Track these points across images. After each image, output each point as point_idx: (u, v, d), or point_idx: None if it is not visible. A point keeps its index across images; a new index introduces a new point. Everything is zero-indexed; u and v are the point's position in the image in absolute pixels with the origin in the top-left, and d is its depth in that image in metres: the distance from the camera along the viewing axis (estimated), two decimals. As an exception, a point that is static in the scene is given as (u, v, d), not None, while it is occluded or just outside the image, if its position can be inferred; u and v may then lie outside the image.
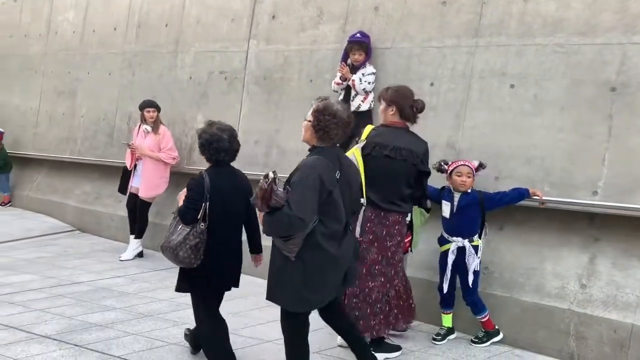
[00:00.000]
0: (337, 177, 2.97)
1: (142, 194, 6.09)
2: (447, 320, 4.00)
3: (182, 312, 4.44)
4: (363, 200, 3.45)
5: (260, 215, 2.99)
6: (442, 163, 3.95)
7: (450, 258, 3.85)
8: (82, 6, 7.96)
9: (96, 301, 4.70)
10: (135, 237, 6.10)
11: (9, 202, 9.06)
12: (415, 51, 4.62)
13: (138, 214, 6.14)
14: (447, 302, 3.97)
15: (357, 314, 3.60)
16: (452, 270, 3.88)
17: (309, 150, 3.13)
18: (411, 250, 4.07)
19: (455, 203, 3.86)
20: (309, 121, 3.07)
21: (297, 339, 3.07)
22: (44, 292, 4.96)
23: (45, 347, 3.78)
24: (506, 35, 4.18)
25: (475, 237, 3.87)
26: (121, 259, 6.00)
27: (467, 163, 3.88)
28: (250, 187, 3.33)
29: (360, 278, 3.52)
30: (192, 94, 6.34)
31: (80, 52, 7.94)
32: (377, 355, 3.42)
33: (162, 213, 6.43)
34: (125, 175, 6.21)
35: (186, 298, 4.71)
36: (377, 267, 3.64)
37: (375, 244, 3.62)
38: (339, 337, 3.58)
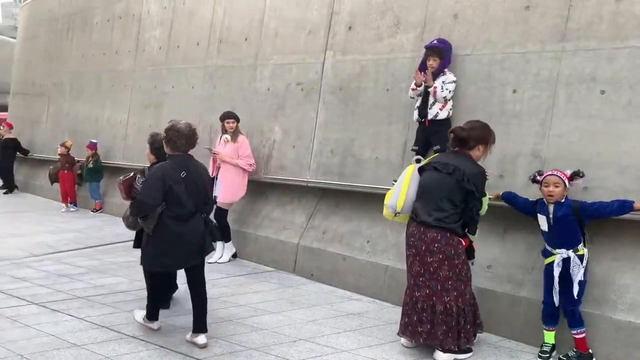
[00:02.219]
0: (182, 176, 3.88)
1: (220, 200, 6.31)
2: (550, 337, 3.77)
3: (260, 317, 4.53)
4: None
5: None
6: (537, 174, 3.81)
7: (557, 271, 3.65)
8: (167, 24, 8.40)
9: (180, 304, 4.88)
10: (225, 242, 6.33)
11: (100, 208, 9.67)
12: (497, 57, 4.49)
13: (217, 221, 6.36)
14: (552, 317, 3.75)
15: (406, 320, 3.83)
16: (552, 282, 3.69)
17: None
18: (472, 263, 3.95)
19: (551, 215, 3.69)
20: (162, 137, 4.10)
21: (153, 289, 4.26)
22: (132, 294, 5.23)
23: (134, 347, 3.98)
24: (596, 38, 3.97)
25: (580, 245, 3.67)
26: (219, 261, 6.25)
27: (555, 172, 3.70)
28: None
29: (409, 287, 3.88)
30: (270, 105, 6.50)
31: (165, 67, 8.38)
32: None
33: (240, 220, 6.63)
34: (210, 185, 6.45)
35: (265, 304, 4.85)
36: (421, 280, 3.78)
37: (417, 257, 3.78)
38: (403, 339, 3.94)
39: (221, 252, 6.39)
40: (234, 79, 7.07)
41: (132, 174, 4.32)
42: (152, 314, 4.25)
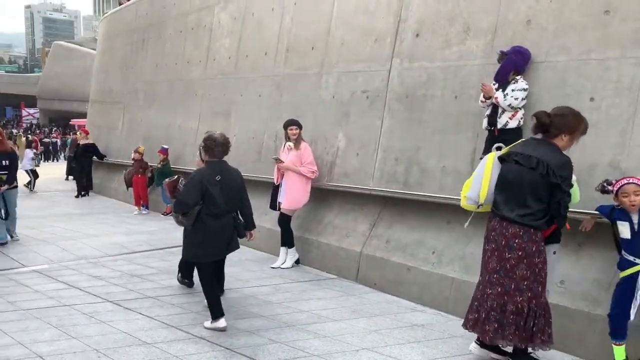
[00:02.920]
0: (217, 179, 4.45)
1: (284, 207, 6.40)
2: (621, 352, 3.55)
3: (322, 324, 4.54)
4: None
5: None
6: (605, 183, 3.60)
7: None
8: (236, 34, 8.64)
9: (244, 308, 4.99)
10: (289, 247, 6.42)
11: (170, 212, 10.03)
12: (572, 64, 4.31)
13: (280, 227, 6.46)
14: (624, 330, 3.52)
15: (475, 315, 3.68)
16: (632, 295, 3.47)
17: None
18: (554, 252, 3.77)
19: (635, 222, 3.47)
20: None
21: (205, 278, 4.62)
22: (199, 296, 5.36)
23: (200, 347, 4.10)
24: (683, 43, 3.73)
25: None
26: (281, 267, 6.35)
27: (633, 180, 3.49)
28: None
29: (482, 283, 3.73)
30: (335, 113, 6.54)
31: (234, 76, 8.62)
32: None
33: (303, 226, 6.69)
34: (275, 192, 6.57)
35: (327, 311, 4.85)
36: (495, 276, 3.61)
37: (496, 253, 3.61)
38: (472, 344, 3.86)
39: (284, 257, 6.48)
40: (300, 87, 7.17)
41: (176, 177, 5.31)
42: (215, 312, 4.47)
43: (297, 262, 6.48)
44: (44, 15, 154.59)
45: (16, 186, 7.90)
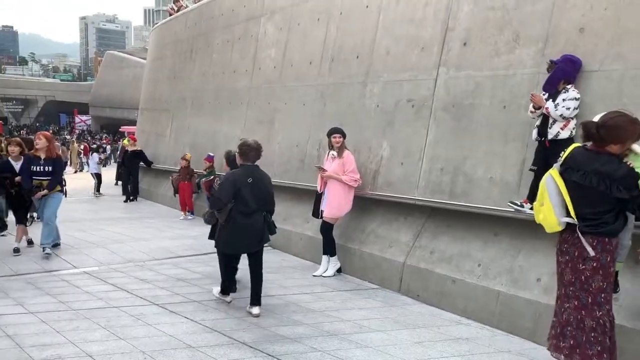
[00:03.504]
0: (249, 181, 4.95)
1: (326, 215, 6.40)
2: None
3: (365, 334, 4.50)
4: None
5: None
6: None
7: None
8: (282, 44, 8.75)
9: (286, 315, 5.01)
10: (330, 256, 6.42)
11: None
12: (630, 73, 4.16)
13: (322, 235, 6.46)
14: None
15: (553, 332, 3.55)
16: None
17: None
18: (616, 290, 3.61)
19: None
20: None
21: (227, 268, 5.36)
22: (242, 301, 5.43)
23: (243, 353, 4.13)
24: None
25: None
26: (323, 275, 6.35)
27: None
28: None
29: (559, 297, 3.61)
30: (379, 122, 6.52)
31: (279, 85, 8.72)
32: None
33: (345, 235, 6.67)
34: (317, 200, 6.59)
35: (369, 321, 4.81)
36: (571, 289, 3.49)
37: (570, 264, 3.49)
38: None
39: (326, 265, 6.48)
40: (344, 96, 7.19)
41: (212, 177, 6.34)
42: (225, 289, 5.39)
43: (339, 270, 6.46)
44: (97, 26, 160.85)
45: (61, 191, 7.56)
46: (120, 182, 17.41)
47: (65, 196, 8.28)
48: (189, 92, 12.49)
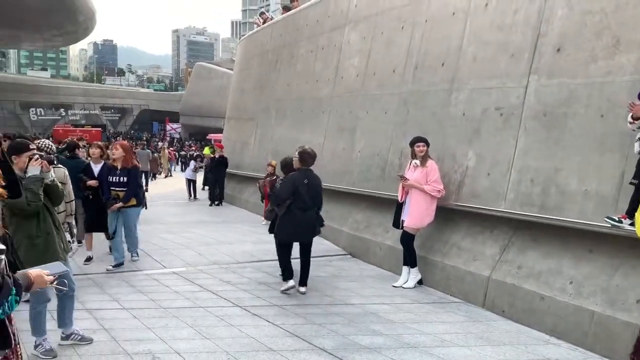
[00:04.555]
0: (305, 182, 5.94)
1: (407, 225, 6.31)
2: None
3: (447, 348, 4.38)
4: None
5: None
6: None
7: None
8: (365, 52, 8.78)
9: (365, 324, 4.98)
10: (411, 267, 6.33)
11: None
12: None
13: (403, 245, 6.37)
14: None
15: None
16: None
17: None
18: None
19: None
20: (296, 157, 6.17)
21: (283, 255, 6.09)
22: (321, 308, 5.48)
23: (324, 359, 4.15)
24: None
25: None
26: (404, 286, 6.27)
27: None
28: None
29: None
30: (464, 131, 6.35)
31: (361, 93, 8.74)
32: None
33: (427, 246, 6.54)
34: (398, 210, 6.52)
35: (451, 336, 4.68)
36: None
37: None
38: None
39: (406, 277, 6.38)
40: (428, 103, 7.08)
41: (275, 177, 6.95)
42: (286, 276, 6.05)
43: (420, 282, 6.35)
44: (188, 38, 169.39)
45: (138, 204, 7.27)
46: (207, 187, 18.22)
47: (145, 208, 8.12)
48: (272, 102, 12.82)
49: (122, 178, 6.97)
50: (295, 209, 5.93)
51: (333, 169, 9.32)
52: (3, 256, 1.73)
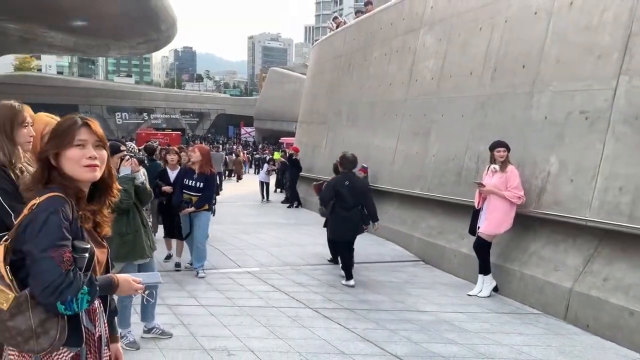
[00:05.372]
0: (346, 184, 6.60)
1: (482, 231, 6.11)
2: None
3: (525, 362, 4.21)
4: None
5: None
6: None
7: None
8: (441, 54, 8.61)
9: (439, 332, 4.87)
10: (485, 274, 6.14)
11: (366, 228, 10.33)
12: None
13: (477, 252, 6.18)
14: None
15: None
16: None
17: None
18: None
19: None
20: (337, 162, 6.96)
21: (344, 252, 6.73)
22: (393, 314, 5.42)
23: (395, 365, 4.11)
24: None
25: None
26: (478, 295, 6.10)
27: None
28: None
29: None
30: (547, 135, 6.08)
31: (436, 96, 8.59)
32: None
33: (504, 254, 6.32)
34: (475, 216, 6.34)
35: (530, 348, 4.49)
36: None
37: None
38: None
39: (481, 285, 6.19)
40: (507, 107, 6.84)
41: (321, 182, 7.37)
42: (348, 275, 6.56)
43: (495, 289, 6.13)
44: (262, 44, 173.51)
45: (209, 209, 7.01)
46: (279, 190, 18.58)
47: (214, 215, 7.82)
48: (345, 105, 12.86)
49: (198, 183, 6.71)
50: (339, 208, 6.66)
51: (406, 173, 9.21)
52: (86, 254, 1.74)
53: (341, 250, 6.83)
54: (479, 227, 6.23)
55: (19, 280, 1.70)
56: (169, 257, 7.63)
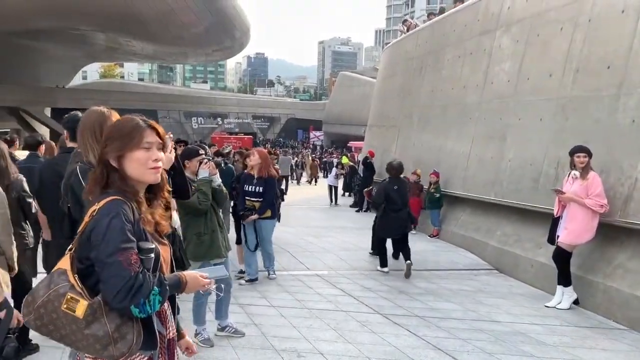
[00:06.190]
0: (395, 188, 7.41)
1: (562, 241, 5.82)
2: None
3: (610, 381, 3.96)
4: None
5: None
6: None
7: None
8: (518, 56, 8.31)
9: (514, 344, 4.68)
10: (564, 286, 5.85)
11: (437, 235, 10.14)
12: None
13: (556, 262, 5.90)
14: None
15: None
16: None
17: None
18: None
19: None
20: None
21: (381, 246, 7.62)
22: (466, 323, 5.27)
23: (468, 376, 3.99)
24: None
25: None
26: (557, 307, 5.83)
27: None
28: None
29: None
30: (634, 140, 5.71)
31: (513, 99, 8.29)
32: None
33: (585, 265, 5.99)
34: (554, 225, 6.05)
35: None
36: None
37: None
38: None
39: (560, 297, 5.89)
40: (590, 110, 6.48)
41: (371, 187, 7.91)
42: (382, 263, 7.48)
43: (576, 302, 5.82)
44: (333, 49, 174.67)
45: (273, 216, 6.63)
46: (347, 194, 18.58)
47: (279, 221, 7.39)
48: (416, 109, 12.69)
49: (258, 188, 6.38)
50: (389, 210, 7.38)
51: (479, 178, 8.95)
52: (152, 254, 1.74)
53: (380, 242, 7.72)
54: (558, 236, 5.94)
55: (88, 288, 1.71)
56: (241, 272, 6.87)
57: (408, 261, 7.21)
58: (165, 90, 62.80)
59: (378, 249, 7.72)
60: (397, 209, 7.37)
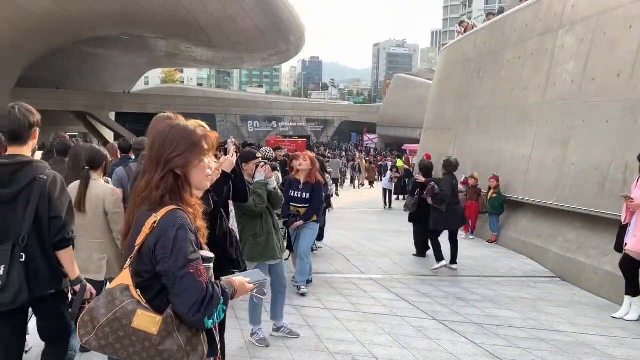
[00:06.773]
0: (454, 183, 7.90)
1: (630, 248, 5.52)
2: None
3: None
4: None
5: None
6: None
7: None
8: (583, 56, 7.98)
9: (578, 356, 4.49)
10: (633, 296, 5.57)
11: (495, 240, 9.87)
12: None
13: (624, 272, 5.60)
14: None
15: None
16: None
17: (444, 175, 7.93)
18: None
19: None
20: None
21: (434, 240, 7.73)
22: (525, 331, 5.09)
23: (528, 387, 3.85)
24: None
25: None
26: (625, 318, 5.56)
27: None
28: None
29: None
30: None
31: (577, 101, 7.97)
32: None
33: (657, 276, 5.66)
34: (621, 232, 5.77)
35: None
36: None
37: None
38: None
39: (628, 307, 5.60)
40: (662, 111, 6.14)
41: (432, 186, 7.64)
42: (438, 257, 7.62)
43: None
44: (387, 51, 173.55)
45: (317, 222, 6.31)
46: (400, 197, 18.40)
47: (323, 226, 7.19)
48: (473, 111, 12.42)
49: (304, 194, 6.10)
50: (452, 204, 7.63)
51: (541, 182, 8.65)
52: (212, 264, 1.73)
53: (433, 238, 7.74)
54: (626, 244, 5.65)
55: (148, 301, 1.68)
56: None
57: (454, 265, 7.75)
58: (222, 94, 64.33)
59: (433, 245, 7.76)
60: (457, 202, 7.87)
